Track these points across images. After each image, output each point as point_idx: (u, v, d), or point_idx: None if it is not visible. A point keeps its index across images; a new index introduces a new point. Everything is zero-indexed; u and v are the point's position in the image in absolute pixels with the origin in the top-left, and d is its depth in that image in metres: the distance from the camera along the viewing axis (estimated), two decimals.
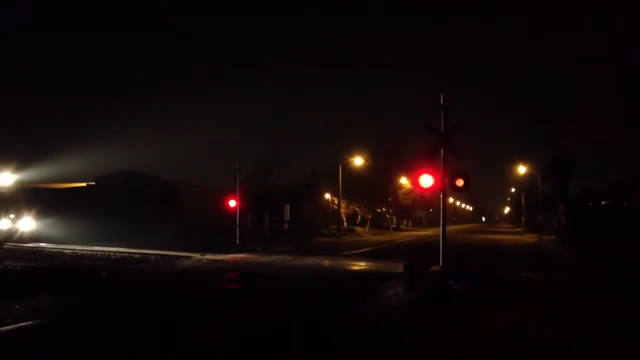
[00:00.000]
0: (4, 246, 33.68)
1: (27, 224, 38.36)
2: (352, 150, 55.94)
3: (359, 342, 8.84)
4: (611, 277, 10.19)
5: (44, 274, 18.12)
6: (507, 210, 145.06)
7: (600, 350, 8.22)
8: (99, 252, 27.84)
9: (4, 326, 9.52)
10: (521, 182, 73.52)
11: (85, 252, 28.67)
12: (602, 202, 10.45)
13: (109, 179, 46.77)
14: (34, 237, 38.92)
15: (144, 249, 28.98)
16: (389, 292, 14.00)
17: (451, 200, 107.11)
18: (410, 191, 65.53)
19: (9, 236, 37.24)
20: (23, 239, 37.59)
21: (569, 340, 8.92)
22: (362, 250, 32.01)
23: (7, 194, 38.83)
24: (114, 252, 28.14)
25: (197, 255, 25.08)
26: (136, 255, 25.30)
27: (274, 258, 24.46)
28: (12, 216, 37.85)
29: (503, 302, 12.42)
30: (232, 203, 30.79)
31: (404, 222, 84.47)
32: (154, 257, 25.12)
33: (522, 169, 62.60)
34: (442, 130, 14.68)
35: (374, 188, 60.91)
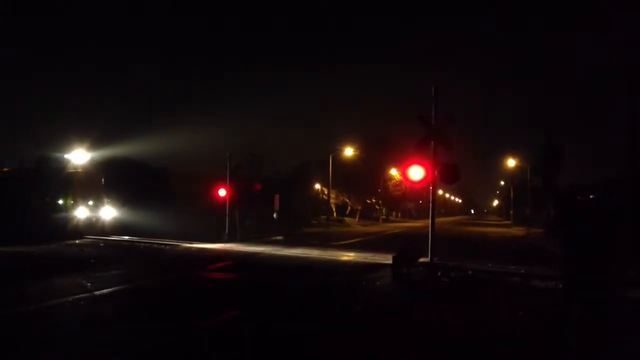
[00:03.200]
0: (86, 239, 28.07)
1: (108, 212, 34.84)
2: (342, 141, 55.91)
3: (343, 331, 8.82)
4: (596, 271, 10.23)
5: None
6: (496, 202, 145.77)
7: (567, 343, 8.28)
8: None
9: None
10: (511, 175, 73.80)
11: None
12: (591, 196, 10.46)
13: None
14: (117, 228, 33.65)
15: (133, 235, 29.07)
16: (377, 282, 14.02)
17: (440, 192, 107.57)
18: (400, 182, 65.66)
19: (89, 227, 32.83)
20: (105, 230, 33.07)
21: (544, 333, 8.97)
22: (352, 240, 32.03)
23: (85, 177, 35.17)
24: (102, 238, 28.09)
25: (185, 244, 25.01)
26: (124, 243, 25.14)
27: (262, 248, 24.43)
28: (90, 203, 34.43)
29: (487, 294, 12.48)
30: (222, 192, 30.43)
31: (394, 213, 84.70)
32: (142, 244, 25.04)
33: (511, 162, 62.86)
34: (433, 122, 14.68)
35: (364, 179, 61.00)
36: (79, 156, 36.29)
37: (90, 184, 34.75)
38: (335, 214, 61.49)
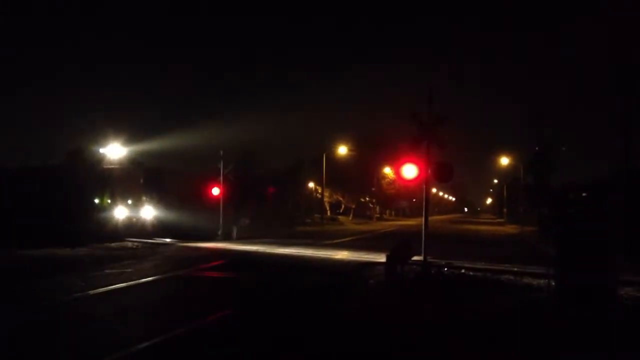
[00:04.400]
0: (126, 242, 25.71)
1: (148, 212, 32.21)
2: (336, 140, 55.91)
3: (337, 330, 8.86)
4: (589, 269, 10.30)
5: None
6: (489, 201, 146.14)
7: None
8: None
9: None
10: (504, 174, 73.97)
11: None
12: (583, 194, 10.55)
13: None
14: (158, 229, 31.05)
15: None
16: (371, 281, 14.07)
17: (434, 190, 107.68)
18: (394, 181, 65.73)
19: (128, 228, 30.02)
20: (145, 231, 30.42)
21: (538, 331, 9.03)
22: (345, 239, 32.08)
23: (123, 173, 32.37)
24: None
25: (178, 243, 24.96)
26: (113, 244, 24.85)
27: (257, 247, 24.43)
28: (129, 202, 31.70)
29: (480, 292, 12.55)
30: (216, 191, 30.41)
31: (387, 211, 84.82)
32: (130, 243, 24.85)
33: (504, 161, 63.03)
34: (427, 121, 14.71)
35: (357, 177, 61.01)
36: (115, 151, 33.76)
37: (129, 182, 32.06)
38: (329, 212, 61.55)
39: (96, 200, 31.29)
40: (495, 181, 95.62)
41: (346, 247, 25.22)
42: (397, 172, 15.72)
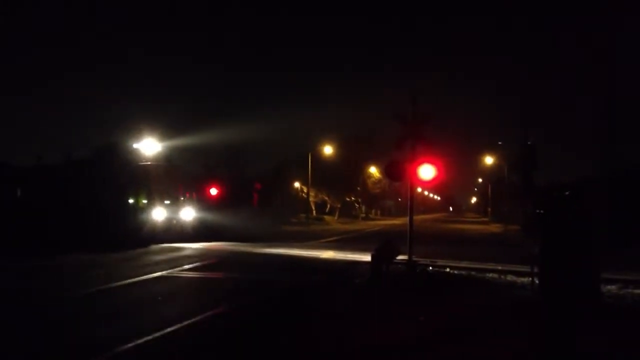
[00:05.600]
0: (187, 250, 22.74)
1: (188, 213, 29.39)
2: (322, 139, 55.89)
3: (322, 329, 8.85)
4: (572, 267, 10.36)
5: None
6: (474, 200, 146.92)
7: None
8: None
9: None
10: (489, 173, 74.46)
11: None
12: (566, 193, 10.68)
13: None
14: (200, 232, 28.71)
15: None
16: (357, 280, 14.07)
17: (419, 190, 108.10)
18: (380, 180, 65.94)
19: (165, 231, 27.26)
20: (185, 234, 27.62)
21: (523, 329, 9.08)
22: (331, 239, 32.09)
23: (161, 171, 29.45)
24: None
25: (163, 244, 24.73)
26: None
27: (241, 247, 24.30)
28: (167, 202, 28.59)
29: (464, 290, 12.62)
30: (214, 191, 30.64)
31: (373, 211, 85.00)
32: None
33: (489, 160, 63.49)
34: (412, 120, 14.72)
35: (343, 177, 61.04)
36: (149, 146, 31.19)
37: (167, 180, 29.24)
38: (314, 212, 61.52)
39: (131, 200, 28.67)
40: (480, 180, 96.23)
41: (332, 247, 25.22)
42: (383, 172, 15.73)
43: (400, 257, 15.17)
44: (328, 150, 54.89)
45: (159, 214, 27.84)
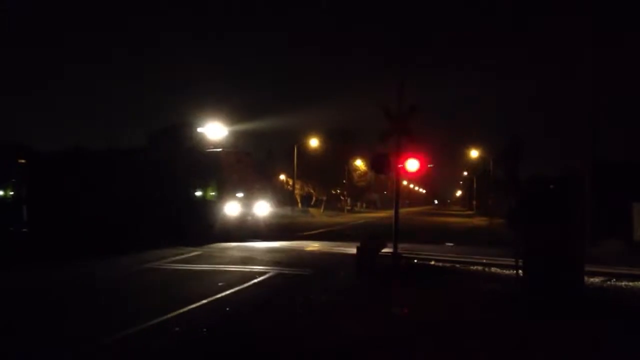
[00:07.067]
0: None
1: (262, 208, 26.77)
2: (308, 131, 55.85)
3: (307, 323, 8.84)
4: (556, 261, 10.45)
5: None
6: (459, 193, 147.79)
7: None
8: None
9: None
10: (474, 166, 74.90)
11: None
12: (551, 186, 10.72)
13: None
14: (275, 230, 26.91)
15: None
16: (342, 273, 14.06)
17: (405, 182, 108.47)
18: (365, 173, 66.07)
19: (238, 228, 24.32)
20: (259, 230, 25.46)
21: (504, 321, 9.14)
22: (316, 231, 32.06)
23: (232, 159, 26.10)
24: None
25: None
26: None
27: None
28: (240, 195, 25.31)
29: (448, 282, 12.69)
30: None
31: (359, 204, 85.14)
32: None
33: (474, 153, 63.82)
34: (398, 114, 14.71)
35: (329, 170, 61.08)
36: (216, 131, 28.63)
37: (240, 170, 25.96)
38: (300, 204, 61.50)
39: (198, 193, 25.02)
40: (465, 173, 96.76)
41: (317, 239, 25.18)
42: (369, 165, 15.75)
43: (385, 250, 15.20)
44: (314, 142, 54.86)
45: (232, 208, 24.36)
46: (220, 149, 26.60)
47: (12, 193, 28.77)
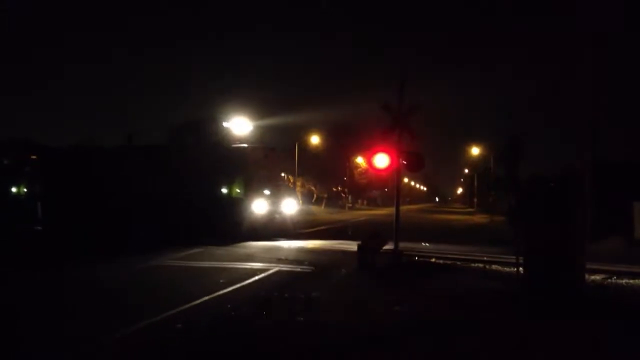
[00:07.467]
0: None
1: (290, 205, 25.95)
2: (309, 129, 55.81)
3: (310, 320, 8.88)
4: (557, 260, 10.49)
5: None
6: (460, 190, 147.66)
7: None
8: None
9: None
10: (475, 164, 74.88)
11: None
12: (551, 184, 10.75)
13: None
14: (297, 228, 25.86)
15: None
16: (343, 270, 14.10)
17: (406, 180, 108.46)
18: (366, 170, 66.00)
19: (265, 228, 23.33)
20: (287, 230, 24.64)
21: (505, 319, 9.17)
22: (318, 228, 32.06)
23: (259, 155, 25.16)
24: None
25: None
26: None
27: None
28: (267, 192, 24.38)
29: (449, 280, 12.73)
30: None
31: (359, 201, 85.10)
32: None
33: (475, 151, 63.83)
34: (398, 111, 14.74)
35: (330, 167, 61.05)
36: (241, 126, 28.16)
37: (267, 166, 25.20)
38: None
39: (224, 190, 23.96)
40: (466, 171, 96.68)
41: (319, 237, 25.19)
42: (369, 162, 15.79)
43: (386, 247, 15.24)
44: (315, 140, 54.83)
45: (260, 206, 23.49)
46: (247, 145, 25.65)
47: (25, 190, 28.02)
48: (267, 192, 24.00)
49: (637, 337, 8.19)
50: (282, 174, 29.46)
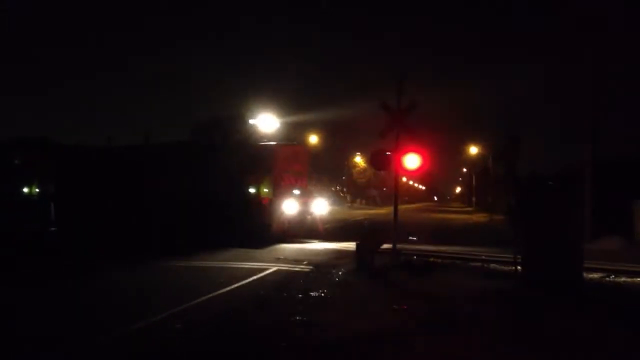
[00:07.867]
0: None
1: (320, 206, 24.90)
2: (307, 128, 55.80)
3: (307, 319, 8.86)
4: (556, 258, 10.50)
5: None
6: (458, 190, 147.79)
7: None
8: None
9: None
10: (473, 163, 74.93)
11: None
12: (550, 183, 10.75)
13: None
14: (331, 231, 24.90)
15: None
16: (342, 269, 14.08)
17: (404, 179, 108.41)
18: (365, 170, 66.09)
19: (292, 230, 22.62)
20: (318, 231, 23.70)
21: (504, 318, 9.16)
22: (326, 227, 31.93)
23: (288, 153, 23.87)
24: None
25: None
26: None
27: None
28: (296, 192, 23.24)
29: (447, 278, 12.72)
30: None
31: (358, 200, 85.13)
32: None
33: (473, 150, 63.86)
34: (397, 109, 14.72)
35: (328, 166, 61.12)
36: (268, 123, 27.25)
37: (296, 165, 23.66)
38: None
39: (252, 190, 22.43)
40: (465, 170, 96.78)
41: (317, 236, 25.14)
42: (369, 162, 15.77)
43: (384, 246, 15.22)
44: (313, 139, 54.84)
45: (290, 207, 22.32)
46: (275, 142, 24.66)
47: (37, 190, 27.17)
48: (297, 192, 23.06)
49: (635, 335, 8.19)
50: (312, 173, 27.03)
